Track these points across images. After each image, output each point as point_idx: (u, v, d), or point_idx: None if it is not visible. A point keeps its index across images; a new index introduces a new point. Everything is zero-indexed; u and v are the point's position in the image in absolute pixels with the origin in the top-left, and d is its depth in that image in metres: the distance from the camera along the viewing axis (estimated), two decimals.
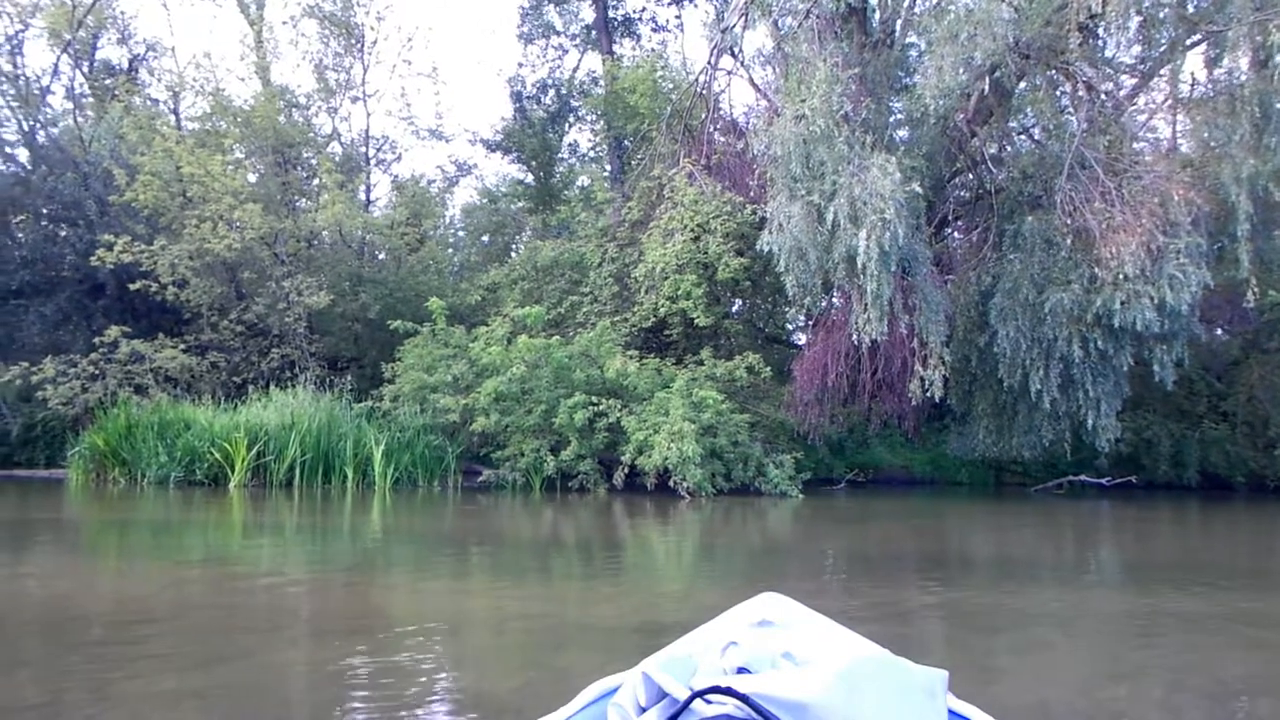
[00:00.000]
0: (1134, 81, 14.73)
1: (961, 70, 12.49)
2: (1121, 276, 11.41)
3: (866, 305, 11.70)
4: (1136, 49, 13.88)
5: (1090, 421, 12.50)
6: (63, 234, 17.67)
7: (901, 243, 11.38)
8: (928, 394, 12.37)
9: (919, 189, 11.99)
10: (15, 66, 19.63)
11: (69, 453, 13.64)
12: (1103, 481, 15.27)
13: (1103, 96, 13.40)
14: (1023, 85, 14.57)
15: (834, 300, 14.62)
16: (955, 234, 16.77)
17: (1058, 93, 14.65)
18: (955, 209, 15.95)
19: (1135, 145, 13.79)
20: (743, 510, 11.36)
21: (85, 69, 21.70)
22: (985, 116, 14.34)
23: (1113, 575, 7.11)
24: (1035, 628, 4.65)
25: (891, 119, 15.34)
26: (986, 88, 12.85)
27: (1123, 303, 11.39)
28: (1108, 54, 13.89)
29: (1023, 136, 16.55)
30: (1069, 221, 12.35)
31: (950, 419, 15.70)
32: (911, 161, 12.65)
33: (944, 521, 11.35)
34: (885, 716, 1.30)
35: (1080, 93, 13.36)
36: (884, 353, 13.39)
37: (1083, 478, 15.30)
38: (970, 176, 15.86)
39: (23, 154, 18.92)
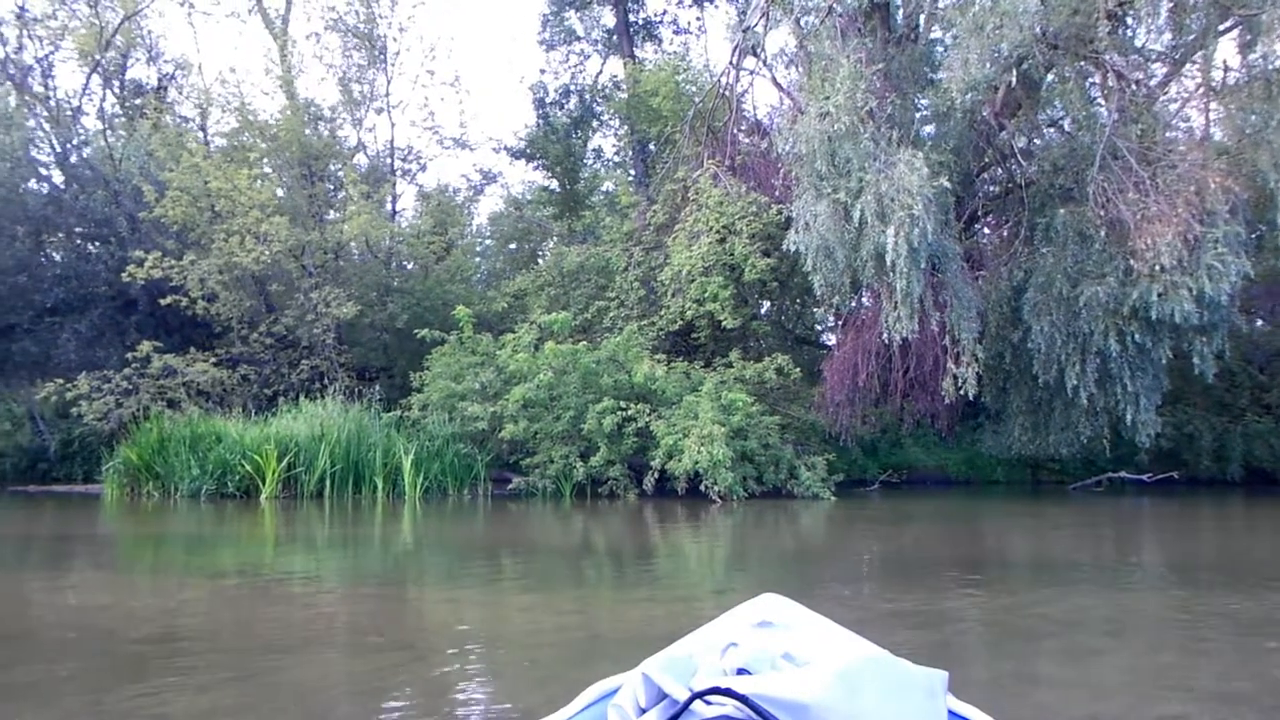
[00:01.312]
0: (1165, 69, 14.42)
1: (988, 63, 12.27)
2: (1158, 268, 11.16)
3: (896, 303, 11.54)
4: (1167, 36, 13.61)
5: (1129, 417, 12.25)
6: (95, 251, 17.92)
7: (930, 239, 11.21)
8: (961, 392, 12.18)
9: (947, 184, 11.80)
10: (47, 88, 19.95)
11: (104, 467, 13.77)
12: (1143, 478, 14.96)
13: (1134, 85, 13.13)
14: (1051, 76, 14.32)
15: (863, 299, 14.45)
16: (985, 229, 16.53)
17: (1087, 83, 14.38)
18: (985, 204, 15.72)
19: (1168, 134, 13.50)
20: (775, 514, 11.24)
21: (116, 89, 21.99)
22: (1013, 109, 14.10)
23: (1157, 576, 6.91)
24: (1079, 633, 4.50)
25: (918, 115, 15.14)
26: (1014, 80, 12.63)
27: (1160, 295, 11.14)
28: (1138, 42, 13.63)
29: (1052, 129, 16.27)
30: (1102, 213, 12.11)
31: (985, 417, 15.47)
32: (939, 156, 12.47)
33: (981, 522, 11.15)
34: (885, 717, 1.30)
35: (1110, 82, 13.10)
36: (915, 351, 13.21)
37: (1122, 474, 14.99)
38: (999, 170, 15.63)
39: (56, 175, 19.21)
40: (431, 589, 6.34)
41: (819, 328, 19.66)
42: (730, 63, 16.90)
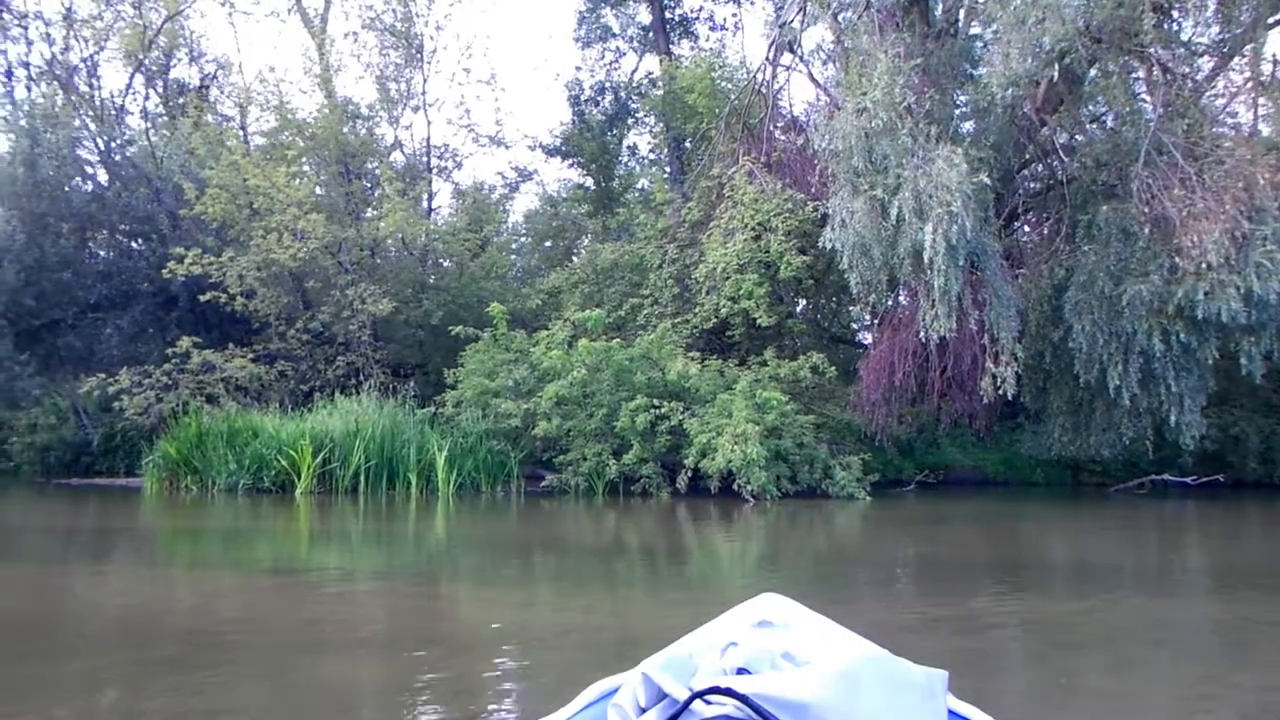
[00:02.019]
0: (1213, 63, 14.09)
1: (1029, 57, 12.05)
2: (1204, 266, 10.89)
3: (934, 301, 11.37)
4: (1215, 29, 13.29)
5: (1173, 418, 11.98)
6: (137, 248, 18.20)
7: (969, 236, 11.03)
8: (1000, 392, 11.98)
9: (987, 180, 11.62)
10: (92, 88, 20.30)
11: (144, 461, 13.97)
12: (1187, 481, 14.62)
13: (1180, 79, 12.84)
14: (1094, 71, 14.04)
15: (900, 297, 14.27)
16: (1025, 226, 16.25)
17: (1131, 77, 14.09)
18: (1025, 201, 15.45)
19: (1215, 129, 13.18)
20: (809, 514, 11.14)
21: (159, 88, 22.33)
22: (1055, 104, 13.84)
23: (1202, 582, 6.74)
24: (1122, 642, 4.38)
25: (957, 111, 14.94)
26: (1056, 74, 12.37)
27: (1206, 293, 10.87)
28: (1184, 35, 13.33)
29: (1094, 124, 15.95)
30: (1146, 210, 11.84)
31: (1024, 417, 15.21)
32: (979, 152, 12.27)
33: (1019, 524, 10.97)
34: (885, 716, 1.29)
35: (1156, 76, 12.82)
36: (953, 350, 13.01)
37: (1166, 477, 14.65)
38: (1040, 167, 15.35)
39: (100, 173, 19.53)
40: (464, 587, 6.34)
41: (855, 326, 19.47)
42: (766, 59, 16.79)
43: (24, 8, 20.22)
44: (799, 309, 17.83)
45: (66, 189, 17.87)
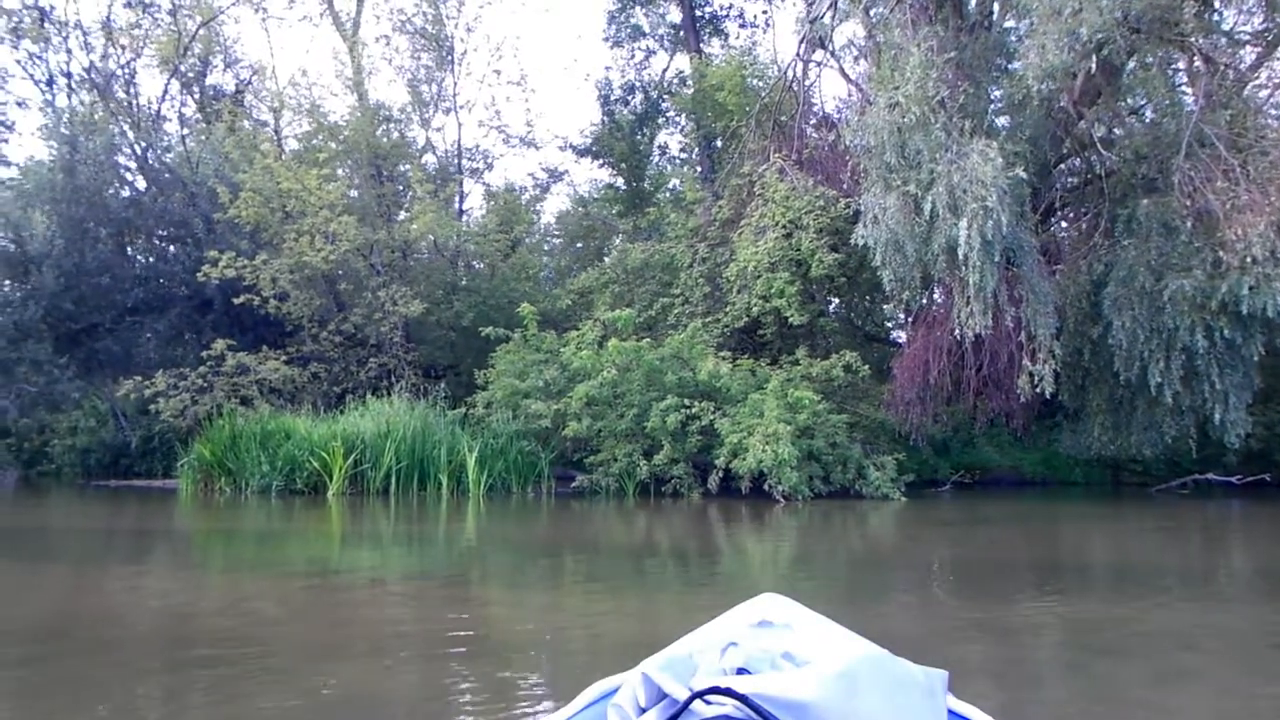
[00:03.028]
0: (1257, 52, 13.72)
1: (1066, 49, 11.77)
2: (1249, 259, 10.59)
3: (969, 298, 11.18)
4: (1258, 18, 12.95)
5: (1217, 416, 11.69)
6: (173, 252, 18.42)
7: (1005, 231, 10.83)
8: (1037, 390, 11.76)
9: (1023, 174, 11.39)
10: (129, 94, 20.59)
11: (179, 463, 14.13)
12: (1232, 480, 14.29)
13: (1222, 69, 12.52)
14: (1133, 62, 13.74)
15: (934, 295, 14.06)
16: (1063, 221, 15.95)
17: (1171, 68, 13.77)
18: (1062, 195, 15.17)
19: (1260, 120, 12.82)
20: (842, 514, 10.99)
21: (195, 94, 22.62)
22: (1093, 97, 13.56)
23: (1250, 586, 6.53)
24: (1167, 651, 4.22)
25: (992, 105, 14.68)
26: (1094, 66, 12.09)
27: (1251, 288, 10.58)
28: (1226, 25, 13.00)
29: (1133, 117, 15.61)
30: (1189, 203, 11.56)
31: (1062, 416, 14.93)
32: (1014, 147, 12.04)
33: (1058, 525, 10.75)
34: (885, 716, 1.31)
35: (1197, 66, 12.52)
36: (989, 347, 12.79)
37: (1209, 476, 14.32)
38: (1078, 161, 15.06)
39: (137, 178, 19.80)
40: (496, 589, 6.30)
41: (889, 324, 19.24)
42: (797, 55, 16.64)
43: (64, 17, 20.59)
44: (831, 307, 17.66)
45: (105, 195, 18.13)
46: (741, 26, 25.32)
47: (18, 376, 16.49)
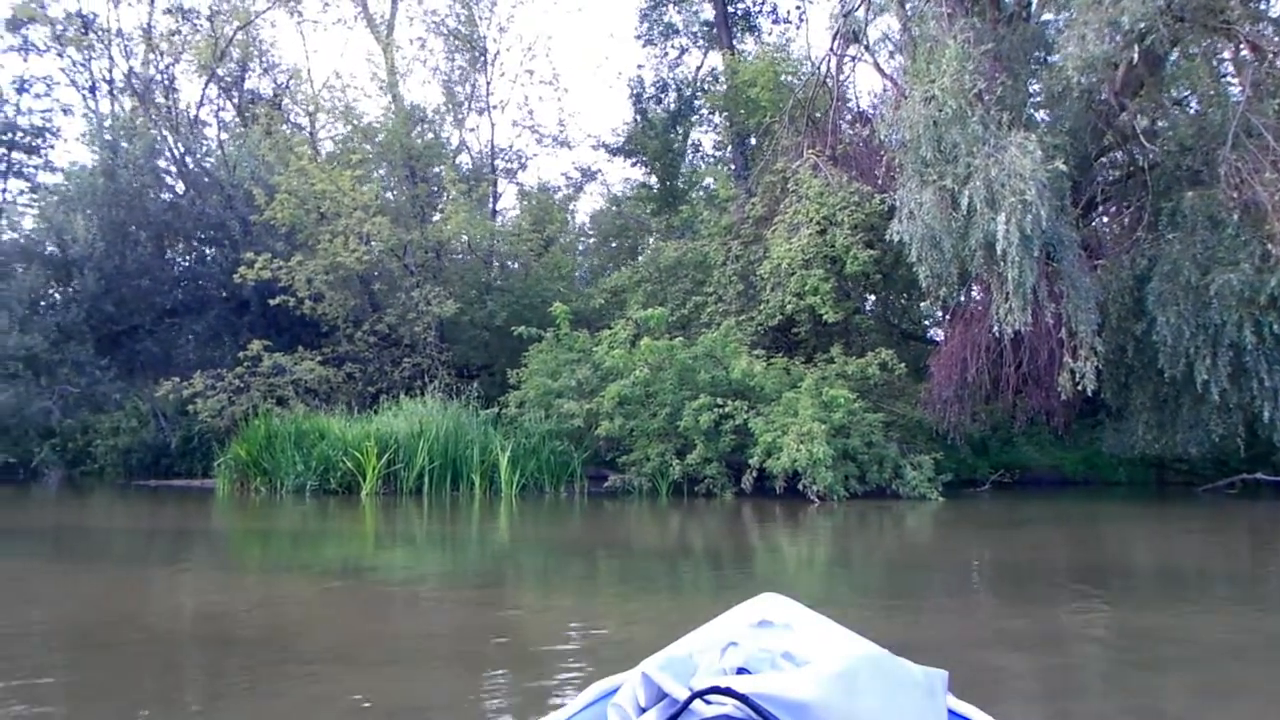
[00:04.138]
0: None
1: (1107, 39, 11.51)
2: None
3: (1008, 294, 10.96)
4: None
5: (1266, 413, 11.36)
6: (210, 254, 18.63)
7: (1045, 225, 10.60)
8: (1079, 387, 11.51)
9: (1063, 167, 11.14)
10: (168, 99, 20.89)
11: (216, 463, 14.28)
12: None
13: (1270, 58, 12.17)
14: (1176, 53, 13.42)
15: (972, 291, 13.83)
16: (1105, 216, 15.63)
17: (1217, 58, 13.41)
18: (1104, 189, 14.83)
19: None
20: (878, 515, 10.84)
21: (234, 99, 22.90)
22: (1135, 88, 13.25)
23: None
24: (1217, 661, 4.04)
25: (1030, 99, 14.40)
26: (1136, 56, 11.81)
27: None
28: (1273, 13, 12.65)
29: (1177, 108, 15.24)
30: (1235, 195, 11.25)
31: (1105, 414, 14.60)
32: (1054, 139, 11.79)
33: (1101, 526, 10.50)
34: (885, 716, 1.31)
35: (1244, 54, 12.18)
36: (1028, 344, 12.55)
37: (1258, 476, 13.90)
38: (1120, 153, 14.72)
39: (175, 182, 20.07)
40: (529, 592, 6.27)
41: (926, 322, 18.98)
42: (831, 49, 16.44)
43: (106, 24, 20.93)
44: (867, 305, 17.44)
45: (144, 198, 18.39)
46: (774, 22, 25.15)
47: (60, 378, 16.78)
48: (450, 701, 3.51)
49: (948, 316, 14.83)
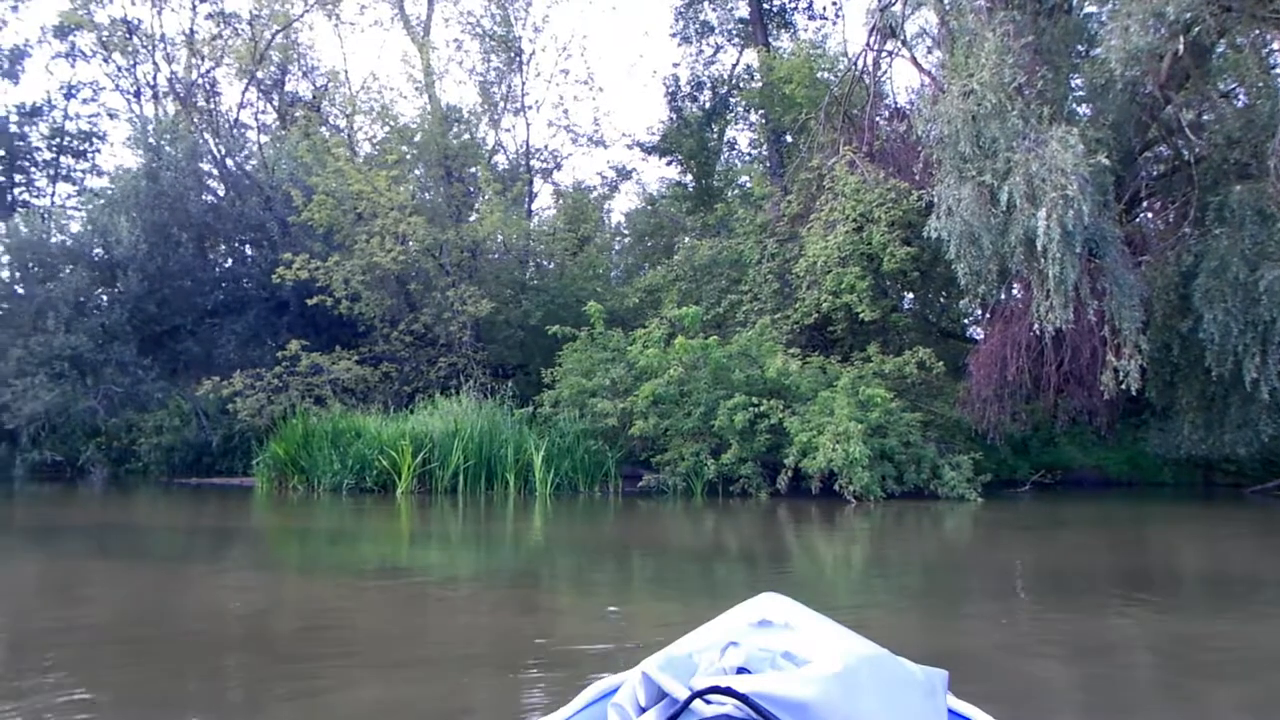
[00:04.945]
0: None
1: (1151, 30, 11.26)
2: None
3: (1049, 291, 10.77)
4: None
5: None
6: (250, 255, 18.87)
7: (1087, 221, 10.40)
8: (1122, 386, 11.29)
9: (1106, 161, 10.92)
10: (210, 103, 21.22)
11: (254, 462, 14.45)
12: None
13: None
14: (1223, 44, 13.09)
15: (1012, 288, 13.61)
16: (1149, 211, 15.31)
17: (1266, 49, 13.06)
18: (1148, 183, 14.53)
19: None
20: (916, 516, 10.69)
21: (274, 102, 23.22)
22: (1181, 80, 12.95)
23: None
24: (1270, 672, 3.88)
25: (1072, 92, 14.13)
26: (1181, 48, 11.54)
27: None
28: None
29: (1224, 100, 14.87)
30: None
31: (1149, 413, 14.33)
32: (1096, 133, 11.57)
33: (1146, 529, 10.28)
34: (885, 716, 1.31)
35: None
36: (1070, 343, 12.32)
37: None
38: (1164, 147, 14.43)
39: (216, 184, 20.38)
40: (565, 593, 6.24)
41: (965, 320, 18.73)
42: (867, 44, 16.27)
43: (150, 29, 21.32)
44: (904, 303, 17.24)
45: (186, 200, 18.68)
46: (810, 18, 24.96)
47: (105, 378, 17.09)
48: (490, 703, 3.49)
49: (987, 314, 14.61)
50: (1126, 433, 15.21)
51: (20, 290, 18.28)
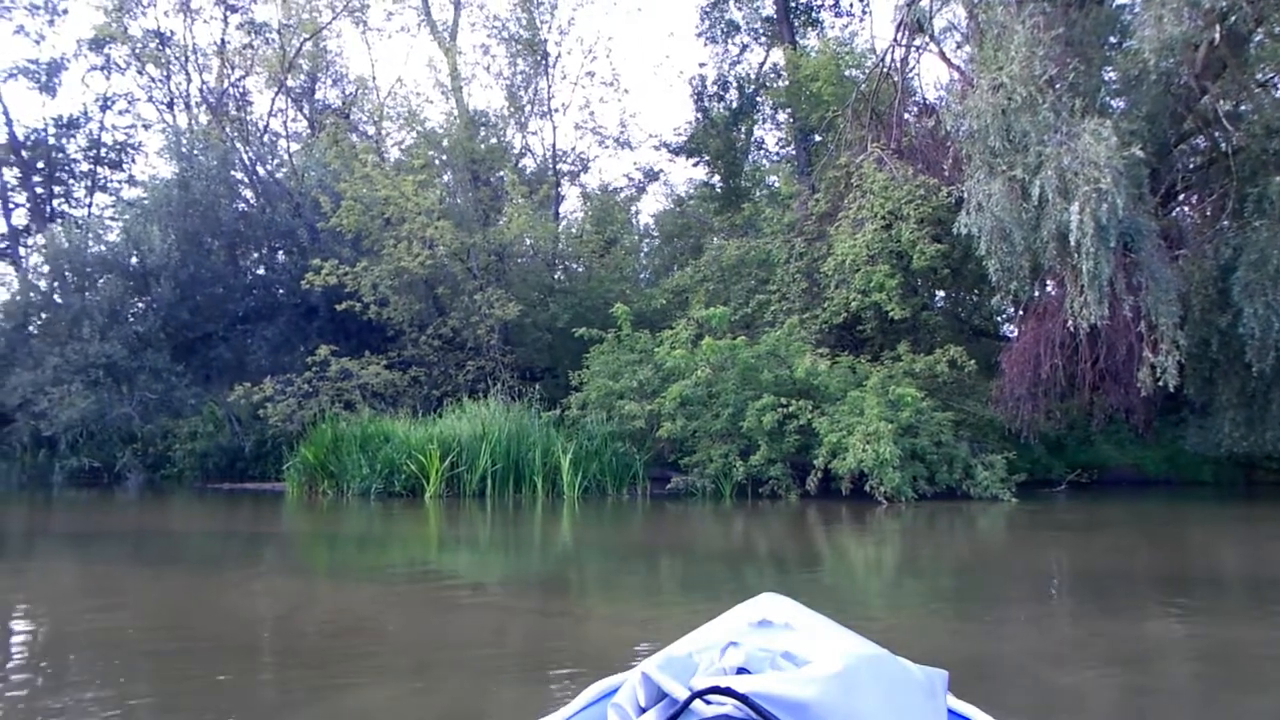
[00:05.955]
0: None
1: (1186, 20, 11.03)
2: None
3: (1083, 287, 10.58)
4: None
5: None
6: (280, 261, 19.05)
7: (1121, 215, 10.20)
8: (1159, 383, 11.06)
9: (1140, 154, 10.71)
10: (241, 111, 21.46)
11: (285, 466, 14.56)
12: None
13: None
14: (1260, 32, 12.81)
15: (1045, 284, 13.39)
16: (1185, 205, 15.01)
17: None
18: (1184, 176, 14.26)
19: None
20: (949, 517, 10.54)
21: (305, 110, 23.45)
22: (1217, 70, 12.68)
23: None
24: None
25: (1104, 84, 13.88)
26: (1217, 37, 11.31)
27: None
28: None
29: (1262, 90, 14.54)
30: None
31: (1188, 410, 14.05)
32: (1130, 125, 11.37)
33: (1185, 529, 10.06)
34: (885, 716, 1.31)
35: None
36: (1105, 339, 12.10)
37: None
38: (1201, 139, 14.14)
39: (247, 191, 20.61)
40: (595, 598, 6.20)
41: (998, 318, 18.46)
42: (895, 40, 16.10)
43: (182, 41, 21.62)
44: (935, 300, 17.04)
45: (218, 208, 18.90)
46: (837, 15, 24.73)
47: (140, 385, 17.32)
48: (517, 706, 3.46)
49: (1019, 311, 14.40)
50: (1165, 430, 14.92)
51: (58, 299, 18.59)
